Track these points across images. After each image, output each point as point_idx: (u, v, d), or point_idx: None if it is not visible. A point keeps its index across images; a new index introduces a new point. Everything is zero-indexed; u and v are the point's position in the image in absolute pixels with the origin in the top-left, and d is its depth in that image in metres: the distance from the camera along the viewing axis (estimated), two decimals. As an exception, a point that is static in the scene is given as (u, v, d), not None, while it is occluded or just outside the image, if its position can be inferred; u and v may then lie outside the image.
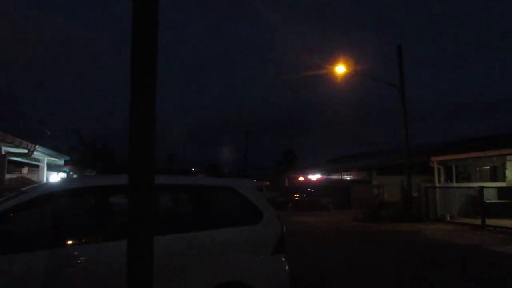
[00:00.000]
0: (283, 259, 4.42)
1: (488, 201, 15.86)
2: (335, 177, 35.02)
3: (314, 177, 35.89)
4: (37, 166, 17.71)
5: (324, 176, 35.34)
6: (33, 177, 17.21)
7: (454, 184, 19.46)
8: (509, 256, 9.57)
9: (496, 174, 21.11)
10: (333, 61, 19.49)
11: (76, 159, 24.98)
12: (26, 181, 14.79)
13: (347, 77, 20.13)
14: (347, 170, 34.63)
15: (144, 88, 2.73)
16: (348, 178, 33.57)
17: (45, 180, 16.75)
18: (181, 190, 4.52)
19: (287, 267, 4.41)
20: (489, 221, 14.43)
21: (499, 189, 17.67)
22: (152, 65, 2.79)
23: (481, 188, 15.72)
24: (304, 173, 38.23)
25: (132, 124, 2.71)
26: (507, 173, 19.65)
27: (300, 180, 37.21)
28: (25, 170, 20.09)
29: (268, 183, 37.58)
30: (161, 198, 4.22)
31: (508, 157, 18.39)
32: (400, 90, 19.06)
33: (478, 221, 14.85)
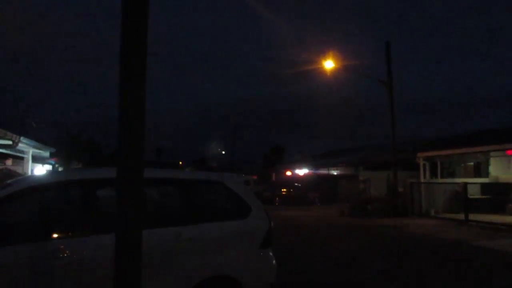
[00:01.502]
0: (271, 254, 4.45)
1: (472, 197, 16.14)
2: (322, 171, 35.23)
3: (302, 171, 36.09)
4: (22, 158, 17.43)
5: (311, 171, 35.54)
6: (18, 169, 16.94)
7: (439, 180, 19.73)
8: (490, 250, 9.77)
9: (480, 170, 21.47)
10: (322, 57, 19.50)
11: (62, 151, 24.63)
12: (11, 173, 14.56)
13: (336, 73, 20.18)
14: (334, 165, 34.83)
15: (134, 77, 2.70)
16: (335, 173, 33.81)
17: (30, 173, 16.52)
18: (169, 184, 4.50)
19: (274, 262, 4.45)
20: (472, 216, 14.69)
21: (482, 185, 17.99)
22: (142, 53, 2.76)
23: (465, 184, 15.97)
24: (292, 168, 38.41)
25: (121, 116, 2.68)
26: (491, 169, 20.01)
27: (287, 175, 37.40)
28: (9, 162, 19.75)
29: (255, 177, 37.68)
30: (149, 191, 4.20)
31: (491, 154, 18.71)
32: (388, 85, 19.21)
33: (461, 216, 15.10)
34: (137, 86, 2.70)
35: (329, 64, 19.31)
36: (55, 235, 3.63)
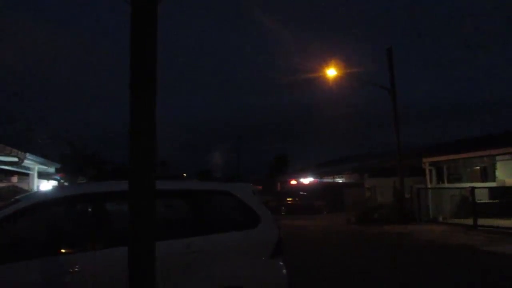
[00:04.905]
0: (281, 263, 4.41)
1: (480, 201, 15.99)
2: (327, 180, 35.09)
3: (307, 180, 35.94)
4: (27, 175, 17.49)
5: (317, 179, 35.41)
6: (24, 186, 16.98)
7: (446, 185, 19.60)
8: (501, 256, 9.65)
9: (487, 174, 21.32)
10: (324, 65, 19.55)
11: (67, 167, 24.71)
12: (17, 190, 14.60)
13: (339, 80, 20.22)
14: (339, 173, 34.73)
15: (144, 92, 2.71)
16: (340, 181, 33.66)
17: (35, 189, 16.55)
18: (178, 195, 4.48)
19: (285, 271, 4.40)
20: (481, 221, 14.55)
21: (490, 189, 17.84)
22: (152, 69, 2.77)
23: (473, 188, 15.83)
24: (297, 177, 38.27)
25: (133, 129, 2.69)
26: (497, 173, 19.86)
27: (292, 184, 37.24)
28: (15, 179, 19.82)
29: (260, 187, 37.54)
30: (157, 203, 4.18)
31: (497, 157, 18.58)
32: (391, 92, 19.20)
33: (470, 221, 14.95)
34: (148, 97, 2.71)
35: (331, 72, 19.37)
36: (64, 250, 3.61)
